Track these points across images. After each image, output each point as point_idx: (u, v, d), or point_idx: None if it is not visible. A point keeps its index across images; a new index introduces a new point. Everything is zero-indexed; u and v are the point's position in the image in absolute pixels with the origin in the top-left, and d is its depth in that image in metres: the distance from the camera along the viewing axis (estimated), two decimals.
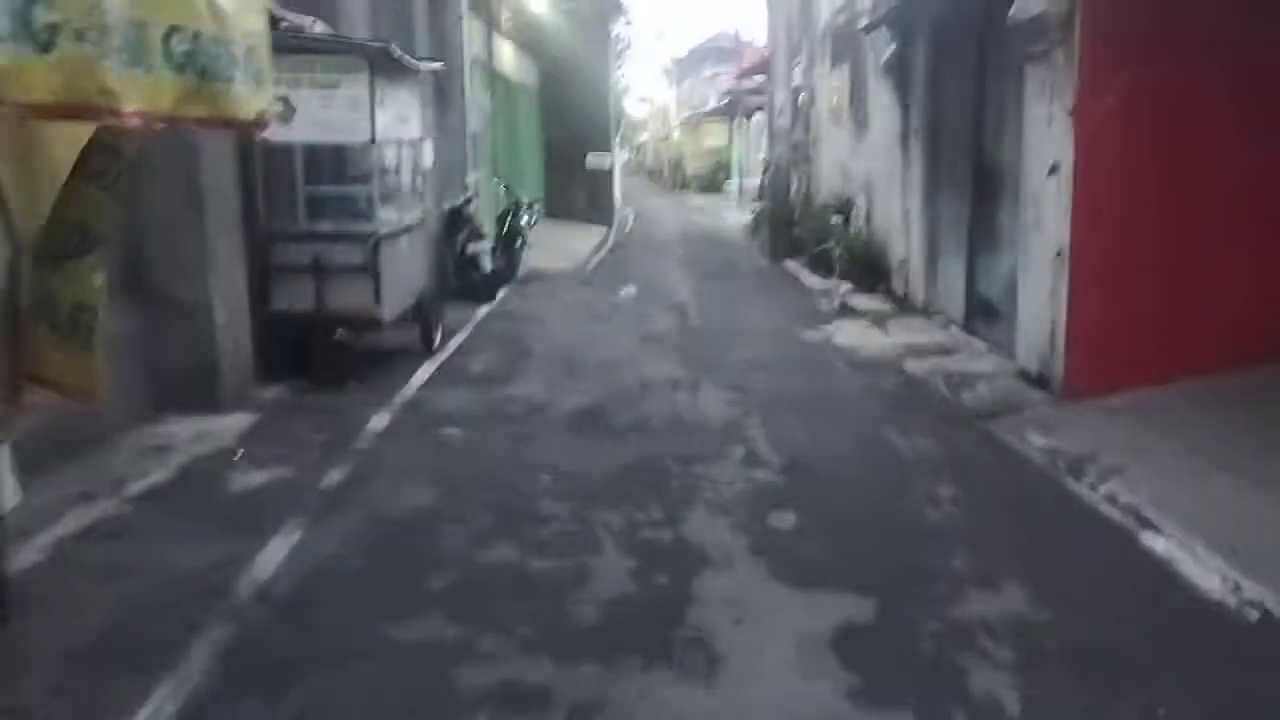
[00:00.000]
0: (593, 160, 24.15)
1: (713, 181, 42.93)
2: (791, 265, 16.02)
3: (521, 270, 15.10)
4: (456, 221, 13.19)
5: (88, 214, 4.24)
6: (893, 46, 11.44)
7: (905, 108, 11.40)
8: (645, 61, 61.91)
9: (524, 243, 14.81)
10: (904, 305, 11.44)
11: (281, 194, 8.26)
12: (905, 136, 11.43)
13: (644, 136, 68.17)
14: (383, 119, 8.26)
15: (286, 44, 7.89)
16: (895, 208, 11.91)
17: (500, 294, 13.39)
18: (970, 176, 9.57)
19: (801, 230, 16.50)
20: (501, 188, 15.13)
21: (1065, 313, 7.27)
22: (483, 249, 12.82)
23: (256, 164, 8.03)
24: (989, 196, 9.12)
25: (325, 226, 8.46)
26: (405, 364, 8.92)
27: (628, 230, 24.97)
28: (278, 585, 4.46)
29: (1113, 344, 7.17)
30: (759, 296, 13.41)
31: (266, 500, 5.56)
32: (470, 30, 16.32)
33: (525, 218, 14.78)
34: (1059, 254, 7.28)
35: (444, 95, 15.45)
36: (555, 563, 4.71)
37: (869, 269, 12.70)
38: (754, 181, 34.45)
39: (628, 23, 38.32)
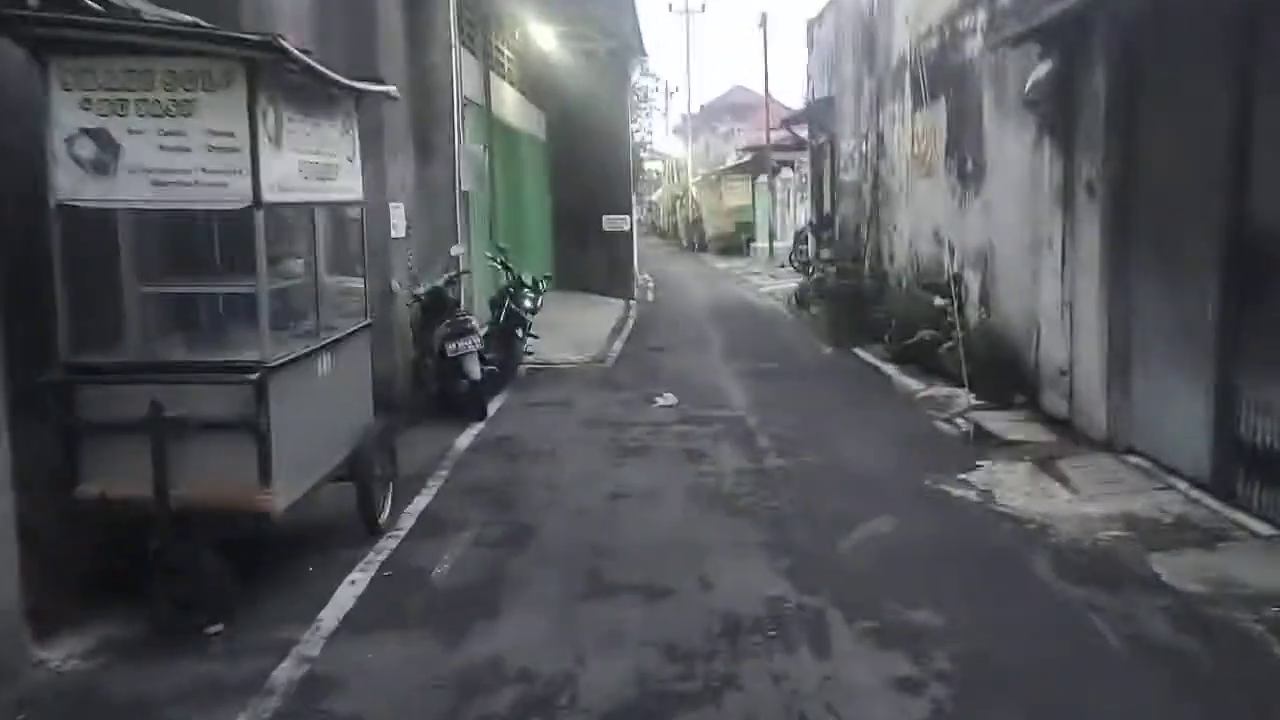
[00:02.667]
0: (610, 223, 20.86)
1: (734, 243, 39.74)
2: (868, 357, 12.51)
3: (524, 367, 11.70)
4: (435, 311, 9.80)
5: None
6: (1044, 67, 8.05)
7: (1066, 151, 7.99)
8: (658, 116, 59.14)
9: (526, 333, 11.40)
10: (1070, 433, 7.92)
11: (96, 298, 4.85)
12: (1066, 192, 8.00)
13: (656, 194, 65.31)
14: (280, 167, 4.88)
15: (92, 38, 4.57)
16: (1047, 291, 8.45)
17: (495, 405, 9.95)
18: (1222, 250, 6.09)
19: (883, 312, 13.04)
20: (498, 262, 11.73)
21: None
22: (469, 348, 9.36)
23: (52, 245, 4.61)
24: (1270, 281, 5.66)
25: (175, 354, 5.07)
26: (321, 569, 5.44)
27: (650, 302, 21.59)
28: None
29: None
30: (845, 408, 9.89)
31: None
32: (462, 66, 13.12)
33: (528, 300, 11.37)
34: None
35: (427, 145, 12.27)
36: None
37: (998, 373, 9.20)
38: (786, 244, 31.25)
39: (644, 72, 35.54)
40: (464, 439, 8.63)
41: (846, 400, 10.32)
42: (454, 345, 9.29)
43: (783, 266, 29.50)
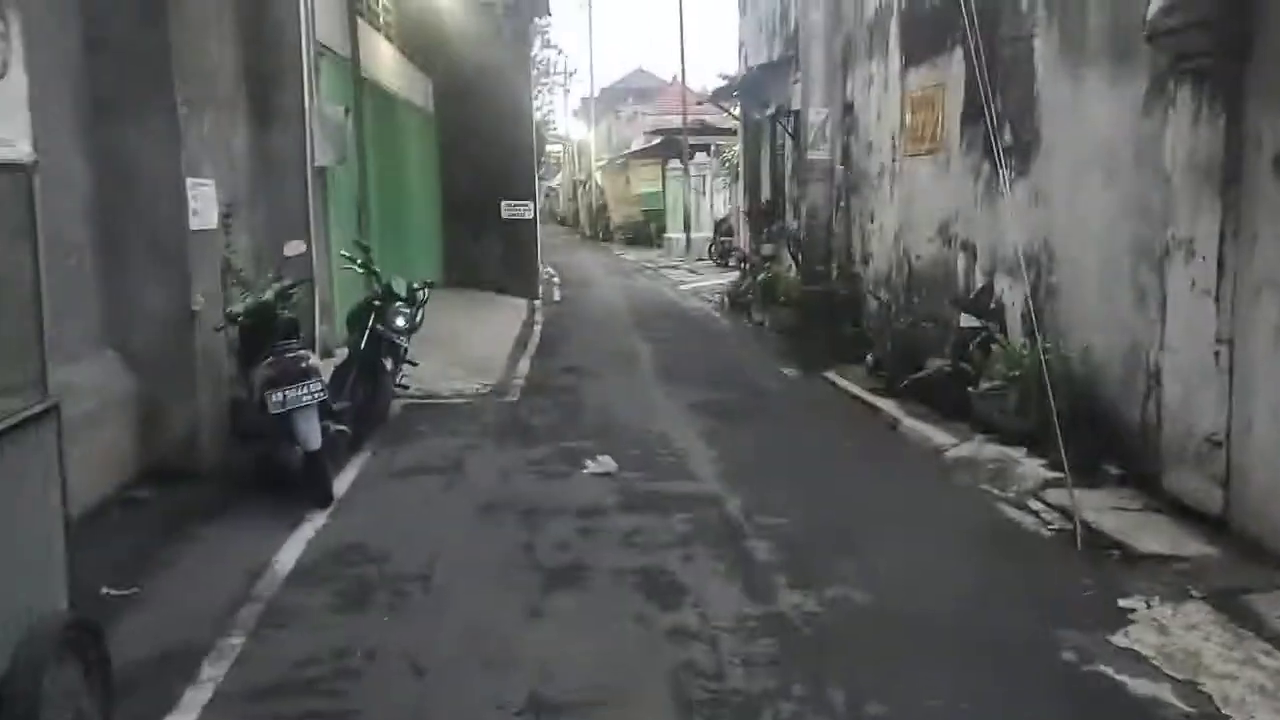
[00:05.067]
0: (510, 210, 17.66)
1: (643, 233, 36.87)
2: (850, 386, 9.64)
3: (397, 405, 8.50)
4: (263, 336, 6.55)
5: None
6: None
7: (1229, 107, 5.21)
8: (559, 96, 55.77)
9: (400, 364, 8.18)
10: (1227, 537, 5.17)
11: None
12: (1229, 171, 5.22)
13: (557, 180, 61.95)
14: None
15: None
16: (1182, 318, 5.68)
17: (350, 472, 6.80)
18: None
19: (862, 327, 10.27)
20: (357, 264, 8.44)
21: None
22: (305, 398, 6.13)
23: None
24: None
25: None
26: None
27: (557, 301, 18.51)
28: None
29: None
30: (859, 478, 6.98)
31: None
32: (316, 4, 9.83)
33: (401, 318, 8.12)
34: None
35: (267, 104, 9.08)
36: None
37: (1079, 433, 6.38)
38: (704, 235, 28.50)
39: (546, 43, 32.50)
40: (288, 552, 5.41)
41: (853, 461, 7.41)
42: (279, 395, 6.04)
43: (701, 260, 26.77)
